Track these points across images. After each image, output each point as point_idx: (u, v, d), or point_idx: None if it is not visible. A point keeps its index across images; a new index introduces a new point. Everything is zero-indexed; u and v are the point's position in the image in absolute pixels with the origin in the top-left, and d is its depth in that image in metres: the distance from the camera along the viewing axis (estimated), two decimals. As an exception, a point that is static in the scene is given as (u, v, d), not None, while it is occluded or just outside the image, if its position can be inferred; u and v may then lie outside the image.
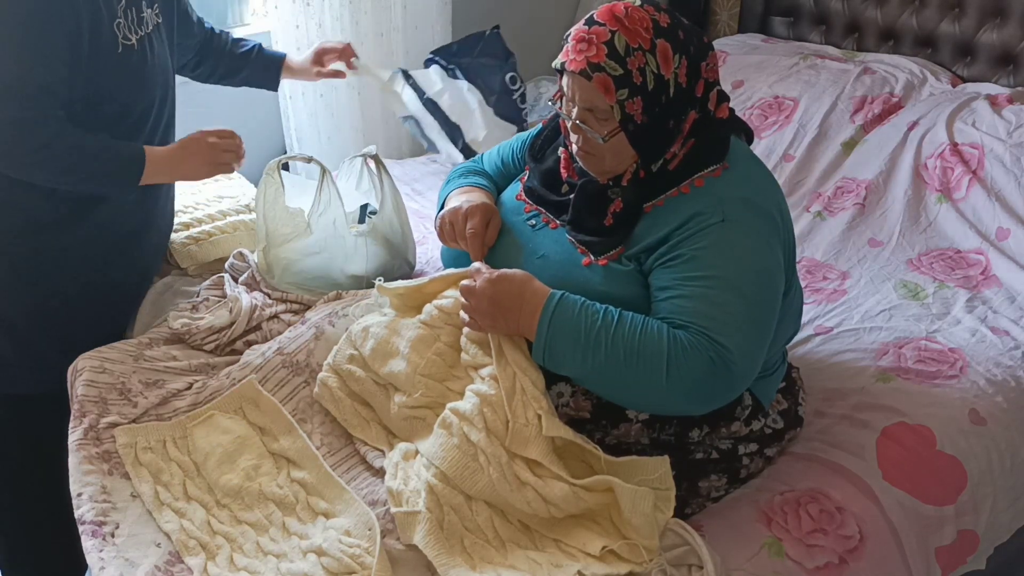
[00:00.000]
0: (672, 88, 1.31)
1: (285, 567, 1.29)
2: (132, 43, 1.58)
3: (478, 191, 1.60)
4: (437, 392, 1.40)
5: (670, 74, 1.30)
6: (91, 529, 1.33)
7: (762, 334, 1.31)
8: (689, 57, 1.31)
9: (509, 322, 1.33)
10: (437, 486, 1.28)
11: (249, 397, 1.52)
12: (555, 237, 1.45)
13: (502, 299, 1.32)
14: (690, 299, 1.28)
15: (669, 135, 1.34)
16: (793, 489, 1.45)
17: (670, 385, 1.24)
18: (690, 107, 1.34)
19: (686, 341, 1.24)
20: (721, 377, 1.25)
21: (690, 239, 1.30)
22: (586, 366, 1.28)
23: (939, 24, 2.71)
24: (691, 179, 1.35)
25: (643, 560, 1.23)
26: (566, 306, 1.29)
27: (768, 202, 1.36)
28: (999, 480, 1.60)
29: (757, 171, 1.40)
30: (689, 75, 1.32)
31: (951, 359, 1.75)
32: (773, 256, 1.33)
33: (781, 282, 1.35)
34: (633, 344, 1.25)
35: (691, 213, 1.31)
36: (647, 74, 1.29)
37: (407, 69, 2.44)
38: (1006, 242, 2.08)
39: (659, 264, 1.33)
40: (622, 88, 1.28)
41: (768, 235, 1.33)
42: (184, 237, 1.97)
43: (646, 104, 1.30)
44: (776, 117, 2.57)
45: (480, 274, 1.35)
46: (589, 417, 1.38)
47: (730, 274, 1.28)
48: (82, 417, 1.49)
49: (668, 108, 1.32)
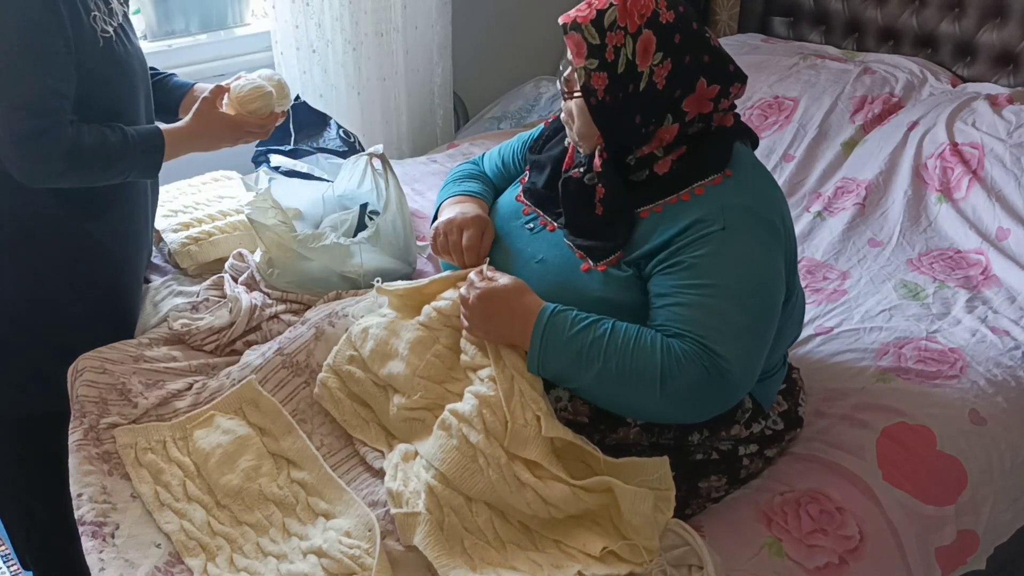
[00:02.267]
0: (644, 83, 1.30)
1: (285, 568, 1.29)
2: (110, 34, 1.56)
3: (472, 201, 1.59)
4: (436, 394, 1.40)
5: (645, 67, 1.29)
6: (91, 530, 1.33)
7: (759, 343, 1.30)
8: (676, 62, 1.30)
9: (503, 335, 1.34)
10: (437, 487, 1.28)
11: (249, 398, 1.52)
12: (553, 241, 1.45)
13: (494, 315, 1.33)
14: (688, 307, 1.27)
15: (636, 130, 1.33)
16: (793, 489, 1.45)
17: (664, 397, 1.24)
18: (668, 113, 1.32)
19: (680, 352, 1.24)
20: (716, 386, 1.25)
21: (690, 246, 1.30)
22: (580, 381, 1.29)
23: (939, 24, 2.71)
24: (691, 187, 1.34)
25: (643, 561, 1.23)
26: (557, 322, 1.29)
27: (770, 210, 1.35)
28: (999, 480, 1.60)
29: (760, 179, 1.40)
30: (671, 81, 1.30)
31: (951, 359, 1.75)
32: (773, 265, 1.33)
33: (781, 291, 1.34)
34: (626, 358, 1.25)
35: (692, 220, 1.31)
36: (621, 55, 1.29)
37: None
38: (1006, 242, 2.08)
39: (658, 271, 1.32)
40: (592, 57, 1.30)
41: (769, 244, 1.33)
42: (184, 237, 1.96)
43: (611, 84, 1.30)
44: (776, 117, 2.57)
45: (473, 286, 1.35)
46: (588, 421, 1.38)
47: (729, 283, 1.28)
48: (82, 417, 1.49)
49: (635, 101, 1.31)
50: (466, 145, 2.74)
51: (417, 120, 2.95)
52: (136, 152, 1.57)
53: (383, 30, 2.72)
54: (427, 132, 3.00)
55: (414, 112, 2.92)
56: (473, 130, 3.09)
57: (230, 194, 2.18)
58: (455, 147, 2.77)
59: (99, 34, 1.54)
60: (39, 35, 1.43)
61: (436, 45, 2.87)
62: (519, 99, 3.15)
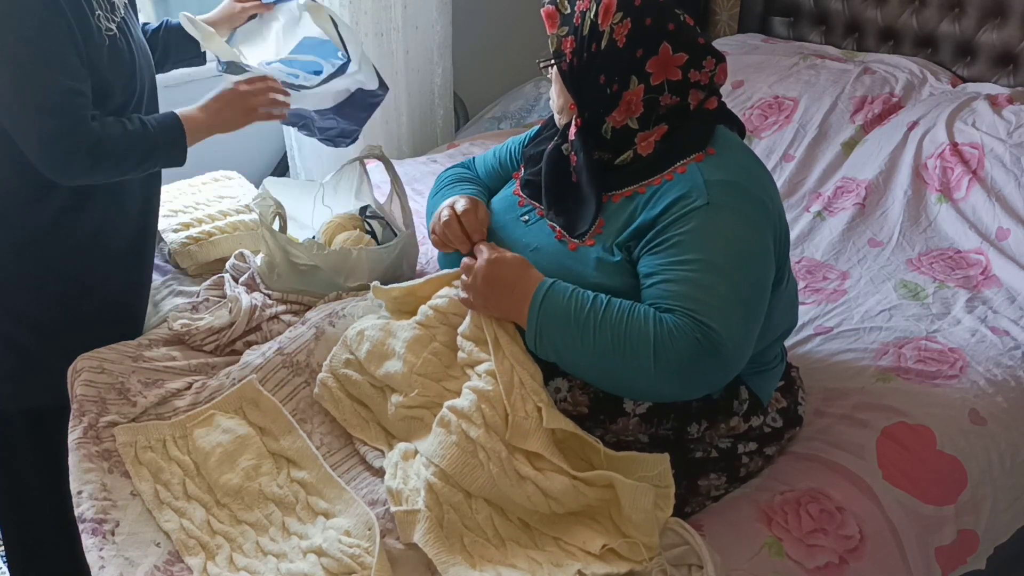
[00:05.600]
0: (605, 41, 1.35)
1: (285, 567, 1.29)
2: (114, 31, 1.57)
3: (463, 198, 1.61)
4: (434, 392, 1.41)
5: (606, 26, 1.35)
6: (91, 527, 1.33)
7: (751, 316, 1.30)
8: (635, 21, 1.34)
9: (501, 305, 1.34)
10: (437, 484, 1.29)
11: (249, 397, 1.52)
12: (546, 229, 1.47)
13: (497, 281, 1.34)
14: (676, 283, 1.28)
15: (602, 91, 1.37)
16: (793, 489, 1.45)
17: (658, 369, 1.24)
18: (632, 75, 1.36)
19: (672, 324, 1.24)
20: (709, 357, 1.24)
21: (675, 223, 1.31)
22: (575, 351, 1.29)
23: (939, 24, 2.71)
24: (673, 167, 1.36)
25: (643, 558, 1.23)
26: (556, 292, 1.31)
27: (756, 186, 1.36)
28: (999, 480, 1.60)
29: (745, 158, 1.40)
30: (631, 40, 1.34)
31: (951, 359, 1.75)
32: (760, 238, 1.33)
33: (770, 265, 1.34)
34: (620, 329, 1.25)
35: (675, 197, 1.32)
36: (586, 18, 1.37)
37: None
38: (1006, 242, 2.08)
39: (646, 251, 1.33)
40: (563, 25, 1.40)
41: (755, 218, 1.33)
42: (184, 237, 1.96)
43: (576, 46, 1.38)
44: (776, 117, 2.57)
45: (481, 253, 1.37)
46: (587, 413, 1.38)
47: (715, 256, 1.28)
48: (81, 416, 1.49)
49: (598, 59, 1.37)
50: (466, 145, 2.74)
51: (417, 120, 2.95)
52: (159, 139, 1.58)
53: (383, 30, 2.72)
54: (427, 132, 3.00)
55: (414, 112, 2.92)
56: (473, 130, 3.09)
57: (230, 194, 2.18)
58: (455, 147, 2.77)
59: (104, 33, 1.54)
60: (47, 37, 1.44)
61: (436, 45, 2.87)
62: (519, 99, 3.15)
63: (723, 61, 1.40)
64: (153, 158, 1.60)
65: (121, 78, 1.59)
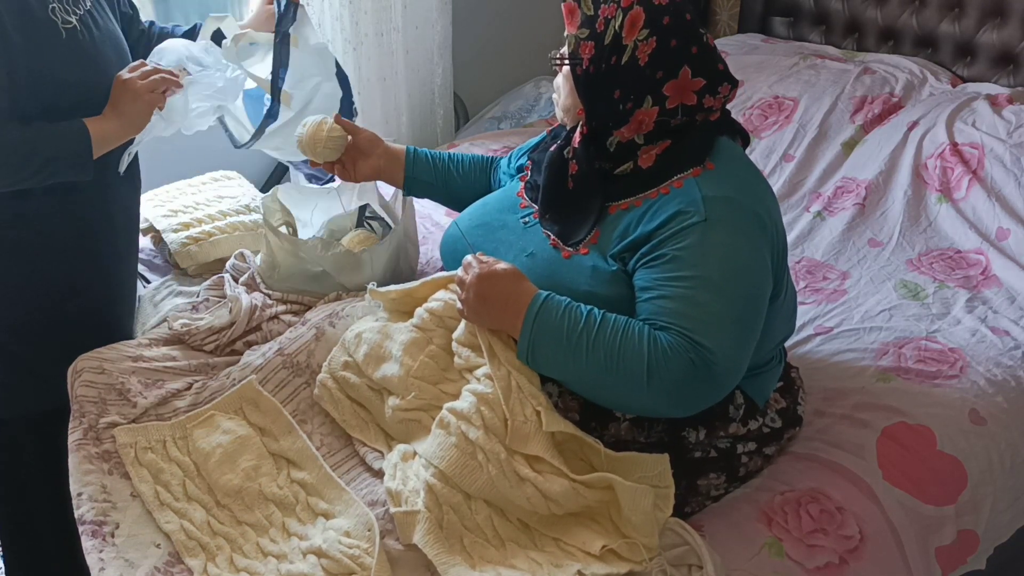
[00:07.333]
0: (627, 56, 1.32)
1: (285, 568, 1.29)
2: (73, 24, 1.52)
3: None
4: (430, 394, 1.40)
5: (630, 41, 1.32)
6: (91, 529, 1.33)
7: (746, 334, 1.30)
8: (661, 42, 1.31)
9: (495, 319, 1.34)
10: (436, 485, 1.29)
11: (249, 398, 1.52)
12: (541, 235, 1.46)
13: (489, 296, 1.32)
14: (671, 300, 1.27)
15: (615, 105, 1.35)
16: (793, 489, 1.45)
17: (651, 388, 1.24)
18: (648, 95, 1.34)
19: (666, 344, 1.24)
20: (703, 379, 1.24)
21: (672, 238, 1.30)
22: (568, 368, 1.29)
23: (939, 24, 2.71)
24: (670, 180, 1.35)
25: (643, 559, 1.23)
26: (550, 307, 1.29)
27: (753, 201, 1.35)
28: (999, 480, 1.60)
29: (744, 171, 1.40)
30: (654, 60, 1.32)
31: (951, 359, 1.75)
32: (757, 255, 1.32)
33: (767, 281, 1.34)
34: (614, 347, 1.25)
35: (672, 212, 1.32)
36: (609, 27, 1.33)
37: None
38: (1006, 242, 2.08)
39: (642, 264, 1.33)
40: (584, 27, 1.35)
41: (752, 234, 1.32)
42: (184, 237, 1.96)
43: (596, 53, 1.34)
44: (776, 117, 2.57)
45: (471, 267, 1.35)
46: (579, 418, 1.38)
47: (712, 274, 1.28)
48: (81, 417, 1.49)
49: (617, 74, 1.33)
50: (466, 145, 2.74)
51: (417, 120, 2.95)
52: (61, 145, 1.50)
53: (383, 30, 2.72)
54: (427, 132, 3.00)
55: (414, 112, 2.92)
56: (473, 130, 3.09)
57: (230, 194, 2.18)
58: (455, 147, 2.77)
59: (60, 26, 1.50)
60: None
61: (436, 45, 2.87)
62: (519, 99, 3.15)
63: (736, 86, 1.39)
64: (57, 168, 1.52)
65: (78, 72, 1.54)
